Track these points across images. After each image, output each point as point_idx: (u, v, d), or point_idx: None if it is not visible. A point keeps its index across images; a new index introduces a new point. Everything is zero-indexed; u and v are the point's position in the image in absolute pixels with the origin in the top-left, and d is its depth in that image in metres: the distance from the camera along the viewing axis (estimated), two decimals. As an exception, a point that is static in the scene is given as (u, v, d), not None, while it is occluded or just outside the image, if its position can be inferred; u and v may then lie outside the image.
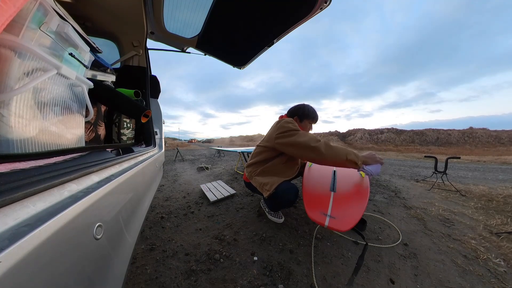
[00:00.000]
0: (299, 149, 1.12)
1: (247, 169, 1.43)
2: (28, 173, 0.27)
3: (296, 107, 1.43)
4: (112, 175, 0.44)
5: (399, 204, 1.91)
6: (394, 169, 4.76)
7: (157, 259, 1.03)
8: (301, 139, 1.11)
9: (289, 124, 1.21)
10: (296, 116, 1.40)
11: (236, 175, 3.29)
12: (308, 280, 0.89)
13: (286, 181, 1.23)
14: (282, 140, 1.19)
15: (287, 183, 1.21)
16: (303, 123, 1.41)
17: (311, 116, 1.40)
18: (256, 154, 1.41)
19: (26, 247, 0.18)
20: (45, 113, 0.43)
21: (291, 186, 1.18)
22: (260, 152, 1.39)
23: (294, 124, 1.23)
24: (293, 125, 1.22)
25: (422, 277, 0.92)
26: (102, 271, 0.37)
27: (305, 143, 1.09)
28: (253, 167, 1.38)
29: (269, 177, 1.27)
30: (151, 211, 1.68)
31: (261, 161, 1.36)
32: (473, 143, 21.46)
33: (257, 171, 1.34)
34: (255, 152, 1.43)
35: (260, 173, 1.33)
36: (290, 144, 1.15)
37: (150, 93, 1.39)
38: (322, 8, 1.08)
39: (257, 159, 1.38)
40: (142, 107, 0.89)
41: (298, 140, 1.12)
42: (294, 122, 1.26)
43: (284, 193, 1.15)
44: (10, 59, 0.34)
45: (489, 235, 1.32)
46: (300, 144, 1.11)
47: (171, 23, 1.37)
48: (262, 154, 1.37)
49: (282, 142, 1.19)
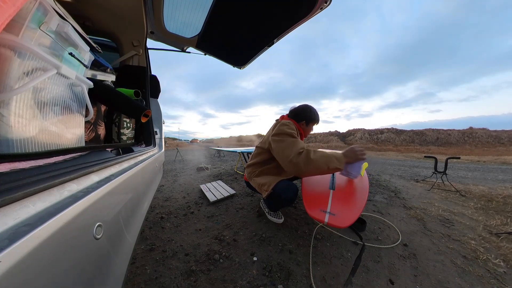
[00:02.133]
0: (281, 160, 1.14)
1: (247, 169, 1.44)
2: (28, 173, 0.27)
3: (301, 110, 1.40)
4: (112, 175, 0.44)
5: (398, 205, 1.91)
6: (394, 169, 4.76)
7: (156, 259, 1.03)
8: (285, 151, 1.10)
9: (284, 127, 1.20)
10: (304, 121, 1.38)
11: (236, 175, 3.29)
12: (308, 281, 0.89)
13: (284, 180, 1.23)
14: (273, 145, 1.20)
15: (286, 181, 1.21)
16: (308, 126, 1.41)
17: (316, 119, 1.42)
18: (255, 155, 1.43)
19: (26, 247, 0.18)
20: (45, 112, 0.43)
21: (290, 184, 1.18)
22: (258, 153, 1.40)
23: (291, 128, 1.21)
24: (288, 128, 1.20)
25: (422, 277, 0.92)
26: (102, 271, 0.37)
27: (286, 158, 1.08)
28: (252, 168, 1.39)
29: (266, 177, 1.28)
30: (151, 211, 1.68)
31: (259, 162, 1.37)
32: (473, 143, 21.48)
33: (256, 172, 1.35)
34: (254, 153, 1.44)
35: (258, 174, 1.34)
36: (277, 153, 1.17)
37: (150, 93, 1.39)
38: (322, 8, 1.08)
39: (256, 160, 1.39)
40: (142, 107, 0.89)
41: (282, 152, 1.12)
42: (292, 124, 1.24)
43: (283, 191, 1.15)
44: (10, 58, 0.34)
45: (489, 236, 1.32)
46: (281, 157, 1.12)
47: (171, 22, 1.37)
48: (260, 155, 1.38)
49: (273, 148, 1.20)
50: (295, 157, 1.04)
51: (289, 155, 1.07)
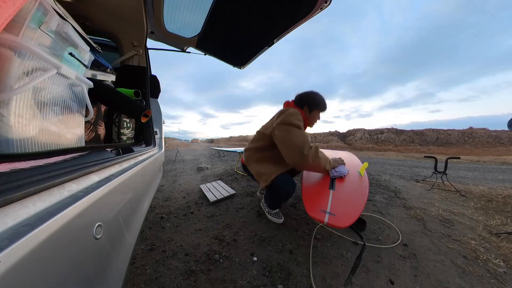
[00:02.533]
0: (288, 148, 1.10)
1: (245, 153, 1.41)
2: (28, 173, 0.27)
3: (305, 95, 1.31)
4: (112, 175, 0.44)
5: (398, 205, 1.91)
6: (394, 169, 4.76)
7: (156, 259, 1.03)
8: (297, 140, 1.08)
9: (292, 118, 1.14)
10: (306, 106, 1.29)
11: (236, 175, 3.29)
12: (308, 281, 0.89)
13: (283, 174, 1.23)
14: (278, 132, 1.15)
15: (285, 175, 1.21)
16: (312, 114, 1.31)
17: (320, 105, 1.30)
18: (256, 140, 1.37)
19: (26, 246, 0.18)
20: (45, 112, 0.43)
21: (289, 179, 1.20)
22: (259, 138, 1.34)
23: (298, 118, 1.15)
24: (296, 119, 1.14)
25: (422, 277, 0.92)
26: (102, 271, 0.37)
27: (297, 147, 1.07)
28: (251, 152, 1.35)
29: (265, 165, 1.26)
30: (151, 211, 1.68)
31: (259, 148, 1.32)
32: (473, 143, 21.47)
33: (254, 157, 1.32)
34: (255, 138, 1.39)
35: (257, 160, 1.31)
36: (283, 140, 1.12)
37: (150, 93, 1.39)
38: (322, 8, 1.08)
39: (255, 145, 1.34)
40: (142, 107, 0.89)
41: (293, 140, 1.09)
42: (299, 115, 1.18)
43: (282, 185, 1.18)
44: (10, 58, 0.34)
45: (489, 236, 1.32)
46: (292, 145, 1.09)
47: (171, 22, 1.37)
48: (260, 141, 1.33)
49: (278, 135, 1.15)
50: (306, 150, 1.06)
51: (300, 146, 1.06)
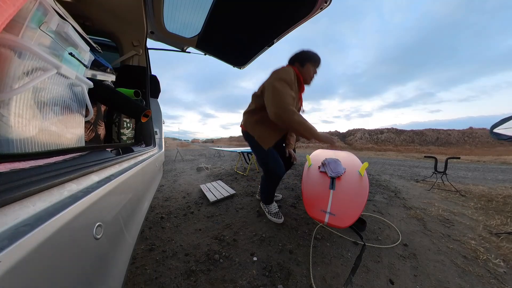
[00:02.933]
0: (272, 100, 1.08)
1: (244, 117, 1.41)
2: (28, 173, 0.27)
3: (295, 53, 1.28)
4: (112, 175, 0.44)
5: (398, 205, 1.91)
6: (394, 169, 4.76)
7: (156, 259, 1.03)
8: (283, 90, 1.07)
9: (280, 72, 1.14)
10: (296, 62, 1.25)
11: (236, 175, 3.29)
12: (308, 281, 0.89)
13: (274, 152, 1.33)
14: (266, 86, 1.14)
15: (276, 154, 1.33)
16: (305, 68, 1.24)
17: (311, 58, 1.23)
18: (252, 103, 1.36)
19: (26, 247, 0.18)
20: (45, 112, 0.43)
21: (281, 163, 1.32)
22: (254, 100, 1.33)
23: (287, 72, 1.14)
24: (284, 73, 1.13)
25: (422, 277, 0.92)
26: (102, 271, 0.37)
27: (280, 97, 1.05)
28: (249, 115, 1.35)
29: (264, 128, 1.29)
30: (151, 211, 1.68)
31: (255, 109, 1.31)
32: (473, 143, 21.47)
33: (253, 119, 1.32)
34: (251, 102, 1.38)
35: (257, 121, 1.31)
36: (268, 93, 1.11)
37: (150, 93, 1.39)
38: (322, 8, 1.08)
39: (252, 107, 1.34)
40: (142, 107, 0.89)
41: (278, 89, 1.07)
42: (289, 71, 1.15)
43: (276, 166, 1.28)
44: (10, 58, 0.34)
45: (489, 236, 1.32)
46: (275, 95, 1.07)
47: (171, 23, 1.37)
48: (255, 102, 1.31)
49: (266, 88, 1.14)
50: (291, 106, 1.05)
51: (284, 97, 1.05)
